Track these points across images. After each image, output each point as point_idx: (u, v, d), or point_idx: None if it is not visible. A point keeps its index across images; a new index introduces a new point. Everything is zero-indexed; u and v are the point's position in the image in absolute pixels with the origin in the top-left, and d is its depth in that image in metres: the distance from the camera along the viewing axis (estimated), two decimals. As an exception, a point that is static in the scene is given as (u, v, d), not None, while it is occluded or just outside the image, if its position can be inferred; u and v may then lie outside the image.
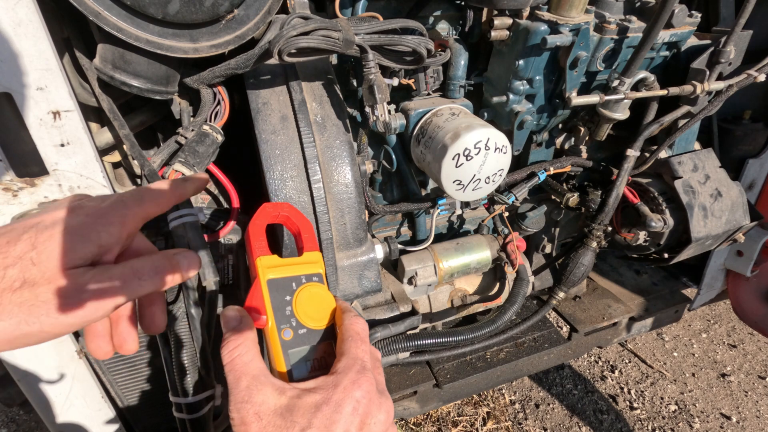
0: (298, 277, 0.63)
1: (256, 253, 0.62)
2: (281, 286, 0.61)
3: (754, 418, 2.33)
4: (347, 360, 0.54)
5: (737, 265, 1.51)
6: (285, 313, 0.60)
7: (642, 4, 1.01)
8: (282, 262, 0.63)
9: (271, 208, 0.67)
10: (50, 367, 0.90)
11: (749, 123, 1.37)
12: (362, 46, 0.78)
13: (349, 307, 0.63)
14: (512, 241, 1.14)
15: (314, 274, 0.64)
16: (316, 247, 0.68)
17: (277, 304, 0.60)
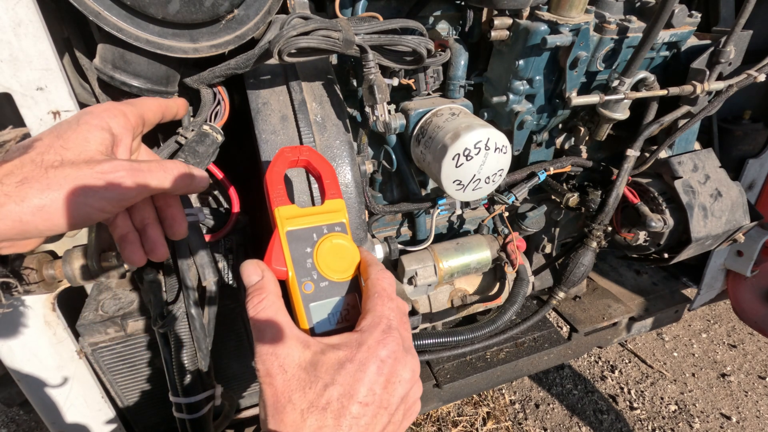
0: (319, 227, 0.60)
1: (274, 202, 0.59)
2: (301, 237, 0.58)
3: (754, 418, 2.33)
4: (372, 318, 0.53)
5: (737, 265, 1.51)
6: (306, 266, 0.57)
7: (642, 4, 1.01)
8: (302, 212, 0.60)
9: (289, 152, 0.63)
10: (50, 367, 0.90)
11: (749, 123, 1.37)
12: (362, 46, 0.78)
13: (375, 260, 0.60)
14: (512, 241, 1.14)
15: (336, 223, 0.61)
16: (339, 194, 0.64)
17: (297, 256, 0.57)
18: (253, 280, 0.55)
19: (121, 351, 0.91)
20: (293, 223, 0.58)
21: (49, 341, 0.87)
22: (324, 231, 0.60)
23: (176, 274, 0.82)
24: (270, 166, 0.61)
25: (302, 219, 0.59)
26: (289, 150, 0.63)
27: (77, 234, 0.78)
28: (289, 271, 0.56)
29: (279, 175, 0.61)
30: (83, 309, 0.89)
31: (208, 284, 0.82)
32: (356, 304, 0.59)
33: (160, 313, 0.81)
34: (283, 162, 0.62)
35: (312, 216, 0.60)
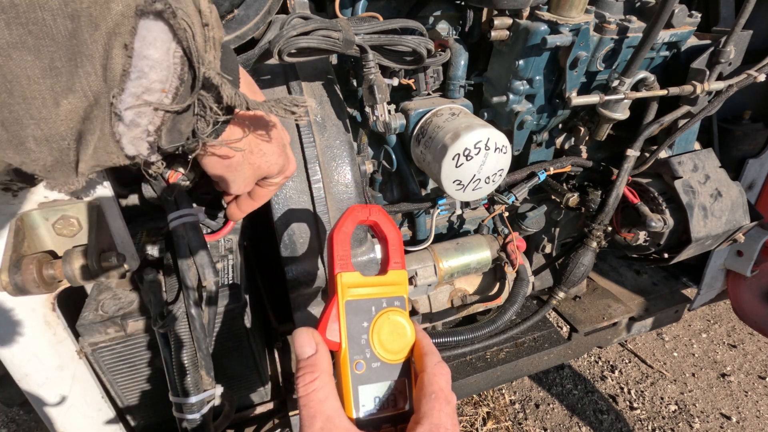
0: (378, 300, 0.56)
1: (338, 266, 0.55)
2: (360, 310, 0.55)
3: (754, 418, 2.33)
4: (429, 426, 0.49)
5: (737, 265, 1.51)
6: (360, 343, 0.54)
7: (642, 4, 1.01)
8: (364, 281, 0.56)
9: (359, 211, 0.59)
10: (50, 367, 0.90)
11: (749, 123, 1.37)
12: (362, 46, 0.78)
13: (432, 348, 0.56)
14: (512, 241, 1.14)
15: (396, 297, 0.57)
16: (403, 264, 0.60)
17: (353, 330, 0.54)
18: (306, 352, 0.51)
19: (121, 351, 0.91)
20: (354, 293, 0.55)
21: (49, 341, 0.87)
22: (383, 305, 0.56)
23: (176, 274, 0.82)
24: (338, 224, 0.57)
25: (363, 289, 0.56)
26: (360, 209, 0.59)
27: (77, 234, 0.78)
28: (342, 344, 0.53)
29: (346, 235, 0.57)
30: (83, 309, 0.89)
31: (208, 284, 0.82)
32: (405, 390, 0.55)
33: (160, 313, 0.81)
34: (353, 221, 0.58)
35: (373, 287, 0.56)
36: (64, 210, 0.75)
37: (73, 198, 0.78)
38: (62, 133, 0.44)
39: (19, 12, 0.38)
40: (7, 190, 0.74)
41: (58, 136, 0.44)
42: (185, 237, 0.78)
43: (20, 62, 0.39)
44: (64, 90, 0.42)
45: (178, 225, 0.78)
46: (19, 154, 0.43)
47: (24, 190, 0.75)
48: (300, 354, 0.51)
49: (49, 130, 0.43)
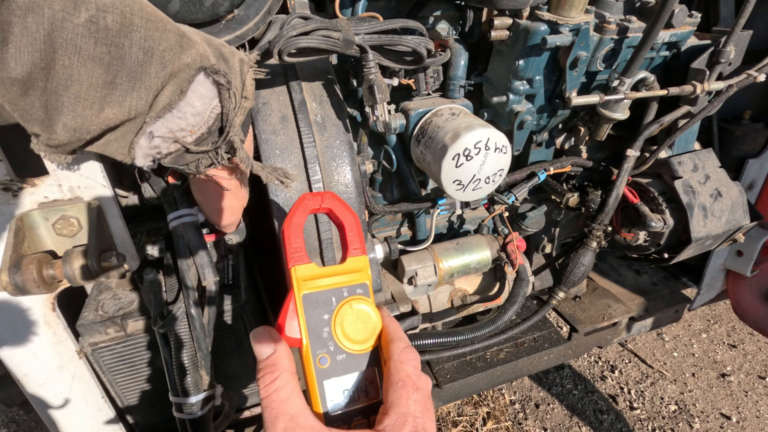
0: (338, 290, 0.54)
1: (291, 259, 0.53)
2: (319, 302, 0.53)
3: (754, 418, 2.33)
4: (397, 416, 0.48)
5: (737, 265, 1.51)
6: (322, 336, 0.52)
7: (642, 4, 1.01)
8: (321, 272, 0.54)
9: (310, 200, 0.57)
10: (50, 367, 0.90)
11: (749, 123, 1.37)
12: (362, 46, 0.78)
13: (399, 333, 0.54)
14: (512, 241, 1.14)
15: (358, 284, 0.55)
16: (363, 249, 0.57)
17: (313, 324, 0.52)
18: (264, 352, 0.50)
19: (121, 351, 0.91)
20: (311, 285, 0.53)
21: (49, 341, 0.87)
22: (344, 294, 0.54)
23: (176, 274, 0.82)
24: (289, 215, 0.55)
25: (321, 280, 0.53)
26: (310, 197, 0.57)
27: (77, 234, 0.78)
28: (303, 340, 0.51)
29: (298, 227, 0.55)
30: (83, 309, 0.89)
31: (208, 284, 0.82)
32: (375, 379, 0.53)
33: (160, 313, 0.81)
34: (303, 211, 0.56)
35: (332, 276, 0.54)
36: (64, 210, 0.75)
37: (73, 198, 0.78)
38: (91, 129, 0.51)
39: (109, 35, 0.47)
40: (7, 190, 0.74)
41: (85, 131, 0.51)
42: (185, 237, 0.78)
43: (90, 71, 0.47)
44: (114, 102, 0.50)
45: (177, 225, 0.78)
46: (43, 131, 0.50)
47: (24, 190, 0.75)
48: (259, 355, 0.50)
49: (81, 123, 0.50)
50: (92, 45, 0.46)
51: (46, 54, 0.45)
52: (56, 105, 0.48)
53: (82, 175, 0.77)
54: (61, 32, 0.45)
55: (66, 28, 0.45)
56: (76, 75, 0.47)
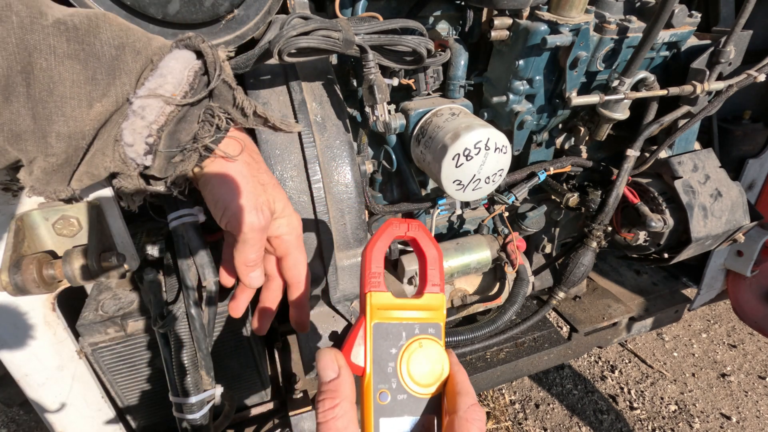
0: (411, 325, 0.52)
1: (368, 285, 0.52)
2: (389, 334, 0.51)
3: (754, 418, 2.33)
4: None
5: (737, 265, 1.51)
6: (386, 370, 0.50)
7: (642, 4, 1.01)
8: (396, 304, 0.52)
9: (396, 227, 0.55)
10: (50, 367, 0.90)
11: (749, 123, 1.37)
12: (362, 46, 0.78)
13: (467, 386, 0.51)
14: (512, 241, 1.14)
15: (432, 324, 0.53)
16: (442, 287, 0.55)
17: (379, 356, 0.50)
18: (328, 375, 0.48)
19: (121, 351, 0.91)
20: (383, 315, 0.51)
21: (49, 341, 0.87)
22: (416, 331, 0.52)
23: (176, 274, 0.82)
24: (373, 239, 0.53)
25: (394, 312, 0.52)
26: (397, 223, 0.55)
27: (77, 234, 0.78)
28: (366, 370, 0.50)
29: (381, 252, 0.53)
30: (83, 309, 0.89)
31: (208, 284, 0.82)
32: (432, 428, 0.50)
33: (160, 313, 0.81)
34: (388, 236, 0.54)
35: (406, 310, 0.52)
36: (64, 210, 0.75)
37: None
38: (85, 132, 0.51)
39: (78, 33, 0.49)
40: (7, 190, 0.74)
41: (80, 135, 0.51)
42: (185, 237, 0.78)
43: (69, 68, 0.48)
44: (100, 96, 0.50)
45: (177, 225, 0.78)
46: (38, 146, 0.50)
47: (24, 190, 0.75)
48: (322, 377, 0.49)
49: (75, 127, 0.50)
50: (65, 43, 0.48)
51: (22, 57, 0.46)
52: (44, 113, 0.48)
53: (82, 175, 0.77)
54: (33, 34, 0.46)
55: (36, 30, 0.47)
56: (57, 75, 0.48)
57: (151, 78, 0.52)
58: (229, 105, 0.59)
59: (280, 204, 0.65)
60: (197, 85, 0.55)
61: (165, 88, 0.52)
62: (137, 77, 0.52)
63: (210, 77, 0.56)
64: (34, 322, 0.85)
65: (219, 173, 0.59)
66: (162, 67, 0.53)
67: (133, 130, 0.52)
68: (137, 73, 0.52)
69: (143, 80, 0.52)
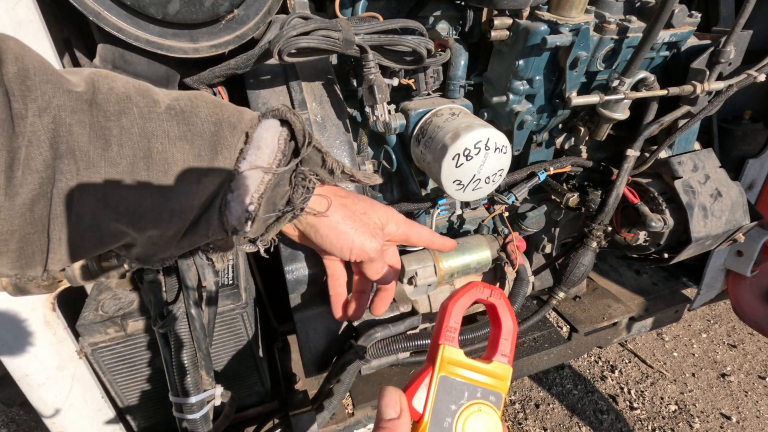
0: (474, 387, 0.52)
1: (444, 337, 0.53)
2: (452, 390, 0.51)
3: (754, 418, 2.33)
4: None
5: (737, 265, 1.51)
6: (442, 425, 0.50)
7: (642, 4, 1.01)
8: (465, 363, 0.53)
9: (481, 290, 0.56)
10: (50, 367, 0.90)
11: (749, 123, 1.37)
12: (362, 46, 0.78)
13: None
14: (512, 241, 1.14)
15: (493, 392, 0.53)
16: (511, 359, 0.55)
17: (438, 408, 0.50)
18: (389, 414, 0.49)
19: (121, 351, 0.91)
20: (451, 370, 0.52)
21: (49, 341, 0.87)
22: (478, 395, 0.52)
23: (176, 274, 0.82)
24: (456, 295, 0.54)
25: (462, 370, 0.52)
26: (482, 287, 0.56)
27: (77, 234, 0.78)
28: (424, 418, 0.50)
29: (461, 309, 0.54)
30: (83, 309, 0.89)
31: (208, 284, 0.82)
32: None
33: (160, 313, 0.81)
34: (470, 296, 0.55)
35: (473, 371, 0.53)
36: (64, 210, 0.75)
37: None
38: (194, 205, 0.56)
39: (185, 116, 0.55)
40: (7, 190, 0.74)
41: (189, 209, 0.56)
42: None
43: (180, 149, 0.54)
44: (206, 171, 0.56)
45: (178, 225, 0.78)
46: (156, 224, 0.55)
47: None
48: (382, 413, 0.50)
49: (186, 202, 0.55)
50: (176, 126, 0.53)
51: (143, 144, 0.51)
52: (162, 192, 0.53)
53: (82, 175, 0.77)
54: (150, 122, 0.52)
55: (153, 118, 0.52)
56: (170, 156, 0.53)
57: (250, 150, 0.58)
58: (318, 167, 0.66)
59: (382, 214, 0.76)
60: (288, 151, 0.61)
61: (262, 158, 0.59)
62: (236, 150, 0.58)
63: (297, 143, 0.62)
64: (34, 322, 0.85)
65: (324, 226, 0.70)
66: (256, 138, 0.59)
67: (239, 201, 0.58)
68: (235, 146, 0.58)
69: (243, 154, 0.58)
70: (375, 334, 1.00)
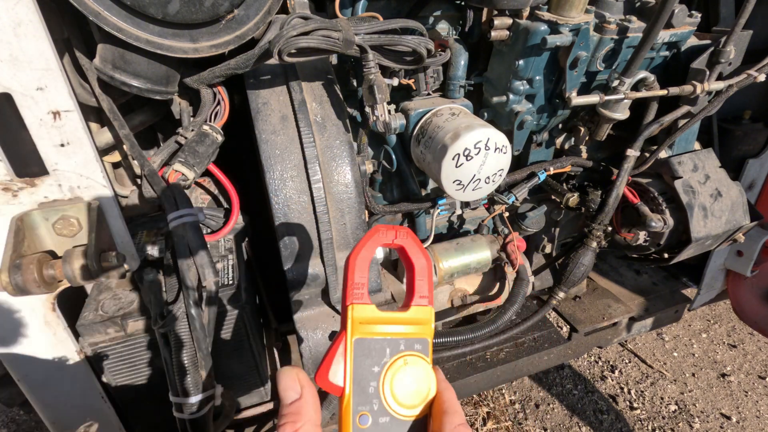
0: (395, 340, 0.48)
1: (351, 296, 0.48)
2: (372, 351, 0.47)
3: (754, 418, 2.33)
4: None
5: (737, 265, 1.51)
6: (367, 391, 0.46)
7: (642, 4, 1.01)
8: (380, 317, 0.48)
9: (383, 234, 0.50)
10: (50, 367, 0.90)
11: (749, 123, 1.37)
12: (362, 46, 0.78)
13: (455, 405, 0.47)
14: (512, 241, 1.14)
15: (418, 339, 0.49)
16: (431, 299, 0.51)
17: (360, 374, 0.46)
18: (289, 397, 0.45)
19: (121, 351, 0.91)
20: (366, 330, 0.47)
21: (49, 341, 0.87)
22: (401, 347, 0.48)
23: (176, 274, 0.82)
24: (358, 246, 0.49)
25: (378, 326, 0.48)
26: (384, 230, 0.50)
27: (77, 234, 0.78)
28: (345, 390, 0.46)
29: (365, 261, 0.49)
30: (83, 309, 0.89)
31: (208, 284, 0.82)
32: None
33: (160, 313, 0.81)
34: (374, 244, 0.50)
35: (391, 324, 0.48)
36: (64, 210, 0.75)
37: (73, 198, 0.78)
38: None
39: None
40: (7, 190, 0.74)
41: None
42: (185, 237, 0.78)
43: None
44: None
45: (177, 225, 0.78)
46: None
47: (24, 190, 0.75)
48: (283, 398, 0.45)
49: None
50: None
51: None
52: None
53: (82, 175, 0.77)
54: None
55: None
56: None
57: None
58: None
59: None
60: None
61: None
62: None
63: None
64: (34, 322, 0.85)
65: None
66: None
67: None
68: None
69: None
70: (375, 334, 1.00)
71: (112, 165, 0.94)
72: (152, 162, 0.83)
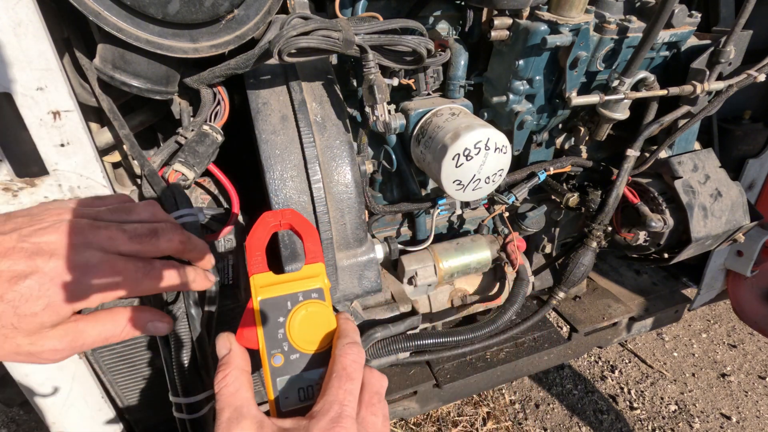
0: (294, 294, 0.58)
1: (251, 269, 0.59)
2: (276, 306, 0.57)
3: (754, 418, 2.33)
4: (324, 402, 0.51)
5: (737, 265, 1.51)
6: (277, 337, 0.56)
7: (642, 4, 1.01)
8: (278, 279, 0.58)
9: (271, 218, 0.62)
10: (50, 367, 0.90)
11: (749, 123, 1.37)
12: (362, 46, 0.78)
13: (348, 331, 0.58)
14: (512, 241, 1.14)
15: (314, 289, 0.59)
16: (320, 257, 0.62)
17: (269, 327, 0.56)
18: (221, 353, 0.57)
19: (121, 351, 0.91)
20: (268, 291, 0.57)
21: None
22: (299, 298, 0.58)
23: (176, 274, 0.82)
24: (251, 232, 0.60)
25: (278, 287, 0.58)
26: (271, 215, 0.62)
27: (77, 234, 0.78)
28: (259, 341, 0.56)
29: (259, 240, 0.60)
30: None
31: (208, 284, 0.81)
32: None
33: (160, 313, 0.81)
34: (264, 228, 0.61)
35: (288, 283, 0.58)
36: (64, 210, 0.75)
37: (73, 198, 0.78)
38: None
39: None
40: (7, 190, 0.74)
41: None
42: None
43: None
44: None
45: (178, 225, 0.78)
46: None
47: (24, 190, 0.75)
48: (218, 356, 0.57)
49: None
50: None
51: None
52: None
53: (82, 175, 0.77)
54: None
55: None
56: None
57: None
58: None
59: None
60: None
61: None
62: None
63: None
64: (34, 322, 0.85)
65: None
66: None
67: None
68: None
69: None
70: (375, 334, 1.00)
71: (112, 165, 0.94)
72: (152, 162, 0.83)
